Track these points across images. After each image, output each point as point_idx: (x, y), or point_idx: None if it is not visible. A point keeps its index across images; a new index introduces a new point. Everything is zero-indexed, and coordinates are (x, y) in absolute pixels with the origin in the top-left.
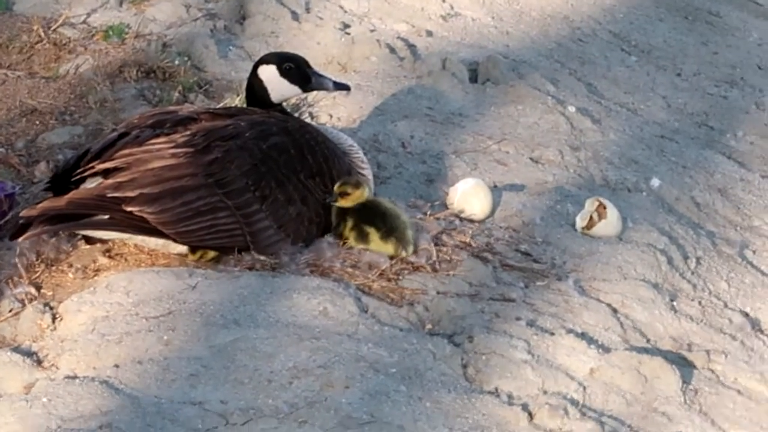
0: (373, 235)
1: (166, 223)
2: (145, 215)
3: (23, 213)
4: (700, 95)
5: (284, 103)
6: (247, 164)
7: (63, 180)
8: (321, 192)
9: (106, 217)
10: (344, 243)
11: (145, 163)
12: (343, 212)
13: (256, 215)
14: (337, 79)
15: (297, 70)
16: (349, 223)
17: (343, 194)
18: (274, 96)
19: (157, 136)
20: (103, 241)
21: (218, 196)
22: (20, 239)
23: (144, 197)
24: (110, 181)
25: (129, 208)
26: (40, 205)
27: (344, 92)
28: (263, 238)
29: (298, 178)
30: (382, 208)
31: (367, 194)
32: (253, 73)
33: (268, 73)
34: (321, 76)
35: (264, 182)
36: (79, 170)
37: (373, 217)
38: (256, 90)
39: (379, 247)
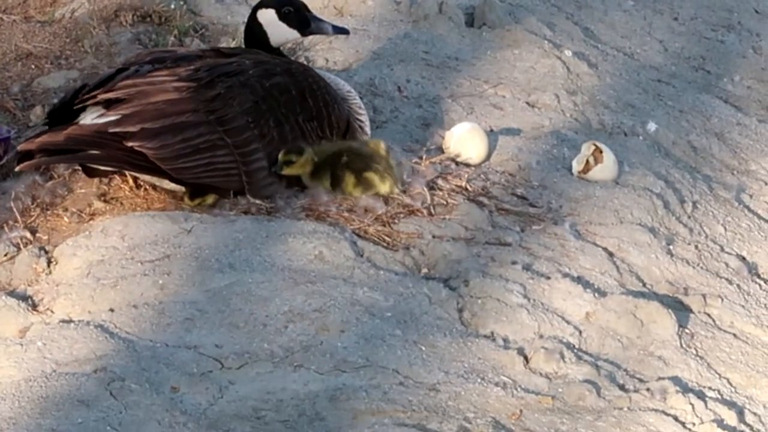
0: (374, 178)
1: (165, 159)
2: (144, 150)
3: (21, 146)
4: (697, 39)
5: (281, 48)
6: (249, 101)
7: (61, 114)
8: (317, 136)
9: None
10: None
11: (147, 96)
12: (333, 168)
13: (253, 155)
14: (336, 23)
15: (296, 14)
16: (351, 180)
17: (288, 162)
18: (273, 40)
19: (160, 69)
20: (102, 174)
21: (218, 134)
22: (17, 168)
23: (145, 132)
24: (112, 116)
25: (130, 144)
26: (39, 138)
27: (343, 36)
28: (259, 178)
29: (296, 119)
30: (366, 151)
31: (313, 157)
32: (252, 17)
33: (267, 17)
34: (320, 20)
35: (263, 120)
36: (79, 100)
37: (367, 161)
38: (255, 34)
39: (379, 188)
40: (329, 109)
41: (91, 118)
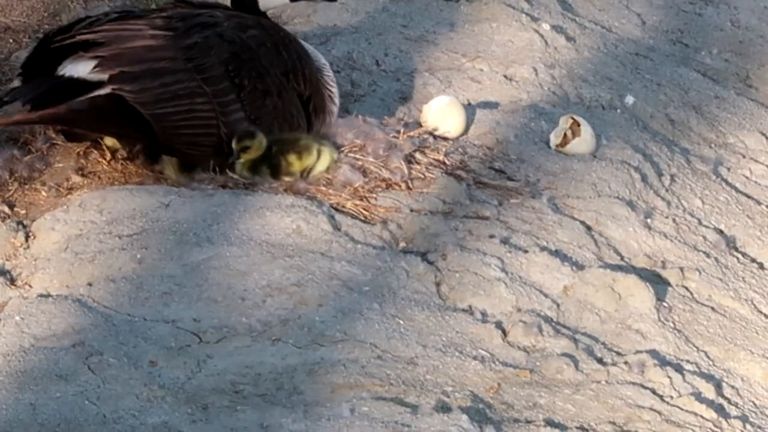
0: (310, 145)
1: (145, 103)
2: (123, 94)
3: (18, 117)
4: (674, 12)
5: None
6: (227, 52)
7: (35, 64)
8: (293, 89)
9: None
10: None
11: (125, 41)
12: (268, 159)
13: (232, 104)
14: None
15: None
16: (290, 158)
17: (245, 149)
18: (262, 4)
19: (133, 18)
20: (84, 138)
21: (197, 82)
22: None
23: (124, 76)
24: (91, 61)
25: (109, 87)
26: (40, 112)
27: (322, 9)
28: (237, 130)
29: (275, 72)
30: (289, 136)
31: (262, 140)
32: None
33: None
34: None
35: (244, 71)
36: (58, 39)
37: (294, 141)
38: None
39: (319, 151)
40: (302, 62)
41: (71, 67)
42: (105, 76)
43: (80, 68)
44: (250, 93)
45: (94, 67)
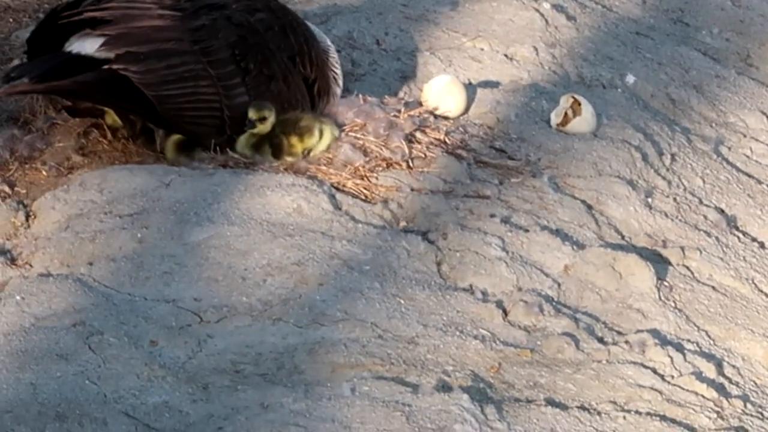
0: (311, 125)
1: (149, 84)
2: (129, 74)
3: (23, 87)
4: None
5: None
6: (234, 35)
7: (41, 39)
8: (299, 73)
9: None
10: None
11: (132, 20)
12: (270, 138)
13: (237, 88)
14: None
15: None
16: (291, 139)
17: (263, 119)
18: None
19: None
20: (87, 114)
21: (202, 64)
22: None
23: (130, 56)
24: (99, 39)
25: (114, 66)
26: (45, 84)
27: None
28: (241, 113)
29: (281, 56)
30: (289, 116)
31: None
32: None
33: None
34: None
35: (250, 55)
36: (65, 15)
37: (295, 121)
38: None
39: (321, 129)
40: (309, 45)
41: (78, 44)
42: (111, 55)
43: (87, 45)
44: (255, 77)
45: (101, 45)
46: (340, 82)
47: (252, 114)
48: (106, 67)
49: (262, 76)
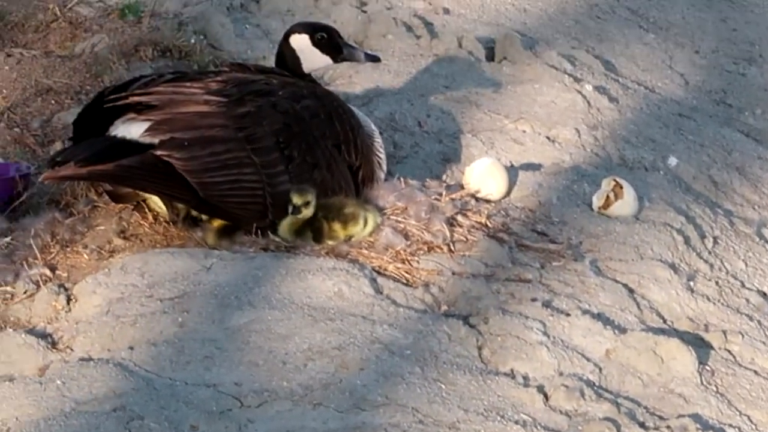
0: (356, 212)
1: (192, 171)
2: (172, 161)
3: (65, 172)
4: (718, 72)
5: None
6: (279, 123)
7: (85, 123)
8: (344, 161)
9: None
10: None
11: (178, 105)
12: (311, 223)
13: (280, 176)
14: (369, 51)
15: (329, 41)
16: (334, 225)
17: (307, 204)
18: (306, 66)
19: (188, 79)
20: (128, 200)
21: (246, 152)
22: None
23: (174, 142)
24: (143, 124)
25: (158, 153)
26: (88, 168)
27: (363, 70)
28: (284, 201)
29: (326, 144)
30: (331, 201)
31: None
32: (285, 42)
33: (301, 43)
34: (352, 47)
35: (294, 143)
36: (110, 98)
37: (338, 206)
38: (287, 59)
39: (364, 217)
40: (354, 133)
41: (123, 128)
42: (156, 140)
43: (132, 130)
44: (298, 165)
45: (146, 130)
46: (384, 167)
47: (296, 200)
48: (149, 152)
49: (305, 164)
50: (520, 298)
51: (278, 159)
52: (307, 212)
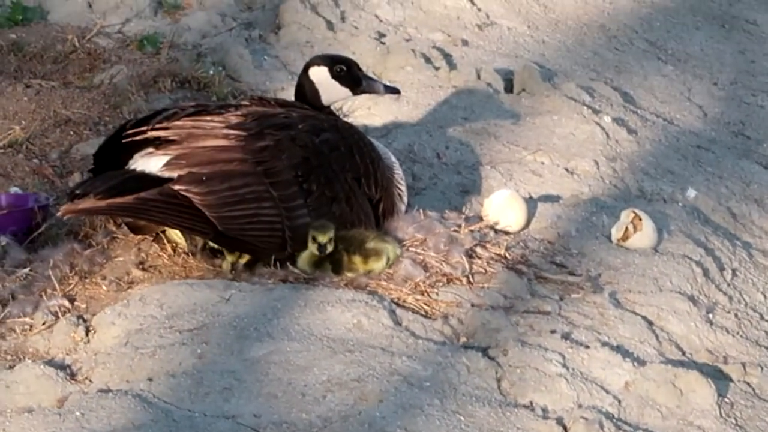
0: (378, 246)
1: (211, 206)
2: (190, 195)
3: (83, 205)
4: (736, 104)
5: (331, 106)
6: (298, 156)
7: (106, 156)
8: (364, 194)
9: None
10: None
11: (197, 139)
12: (331, 256)
13: (299, 210)
14: (388, 83)
15: (348, 73)
16: (354, 258)
17: (331, 240)
18: (325, 98)
19: (208, 113)
20: (148, 232)
21: (265, 186)
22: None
23: (192, 177)
24: (162, 158)
25: (176, 187)
26: (107, 201)
27: (383, 102)
28: (302, 234)
29: (345, 177)
30: (352, 234)
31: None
32: (304, 74)
33: (320, 75)
34: (371, 79)
35: (313, 176)
36: (130, 132)
37: (359, 240)
38: (306, 91)
39: (385, 251)
40: (375, 166)
41: (143, 162)
42: (174, 175)
43: (152, 164)
44: (317, 199)
45: (164, 165)
46: (405, 199)
47: (321, 238)
48: (167, 185)
49: (324, 198)
50: (539, 330)
51: (297, 193)
52: (331, 248)
